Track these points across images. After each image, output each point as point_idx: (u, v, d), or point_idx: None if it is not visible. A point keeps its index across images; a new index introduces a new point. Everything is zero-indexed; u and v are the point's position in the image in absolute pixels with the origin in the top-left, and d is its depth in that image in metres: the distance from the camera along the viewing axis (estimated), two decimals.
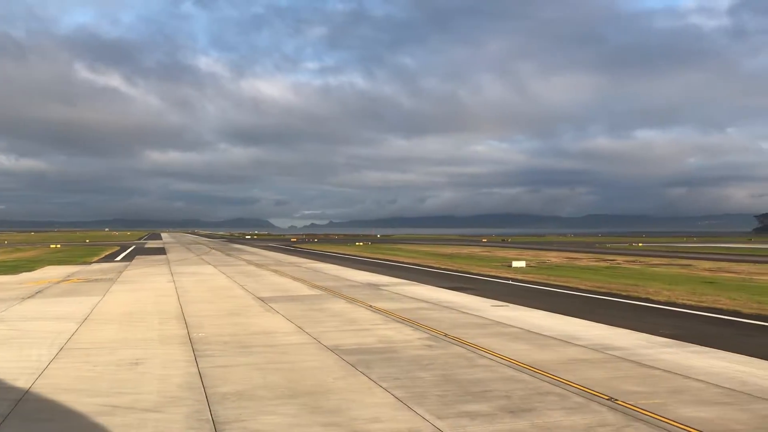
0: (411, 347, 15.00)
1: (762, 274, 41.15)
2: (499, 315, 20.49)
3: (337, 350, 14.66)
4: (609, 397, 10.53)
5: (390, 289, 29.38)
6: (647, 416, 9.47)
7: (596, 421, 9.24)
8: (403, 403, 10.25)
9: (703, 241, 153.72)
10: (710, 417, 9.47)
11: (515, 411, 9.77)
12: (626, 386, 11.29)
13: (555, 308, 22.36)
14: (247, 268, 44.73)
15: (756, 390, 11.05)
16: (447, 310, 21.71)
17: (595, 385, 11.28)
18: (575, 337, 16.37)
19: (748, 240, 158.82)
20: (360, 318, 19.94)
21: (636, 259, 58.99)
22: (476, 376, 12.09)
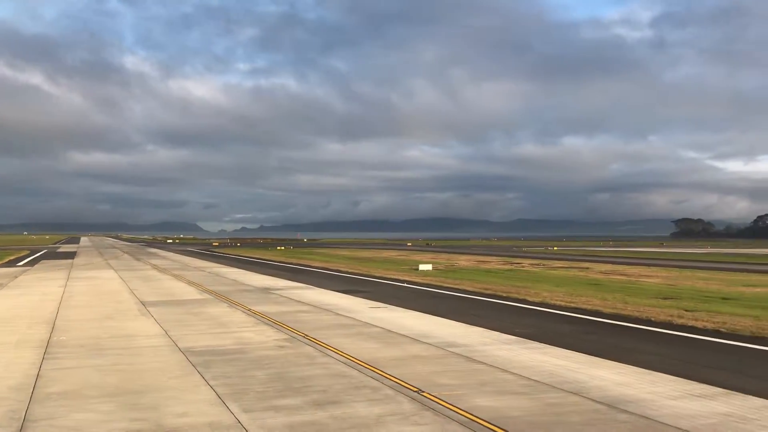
0: (262, 348, 15.48)
1: (650, 276, 43.60)
2: (371, 316, 21.21)
3: (188, 352, 14.99)
4: (418, 389, 11.29)
5: (282, 293, 29.75)
6: (440, 405, 10.26)
7: (390, 410, 9.96)
8: (221, 399, 10.72)
9: (618, 245, 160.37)
10: (498, 406, 10.33)
11: (322, 404, 10.39)
12: (441, 380, 12.11)
13: (430, 309, 23.28)
14: (148, 273, 44.19)
15: (558, 381, 12.06)
16: (324, 313, 22.29)
17: (413, 379, 12.04)
18: (428, 336, 17.22)
19: (659, 244, 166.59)
20: (232, 321, 20.28)
21: (540, 263, 61.29)
22: (307, 373, 12.67)
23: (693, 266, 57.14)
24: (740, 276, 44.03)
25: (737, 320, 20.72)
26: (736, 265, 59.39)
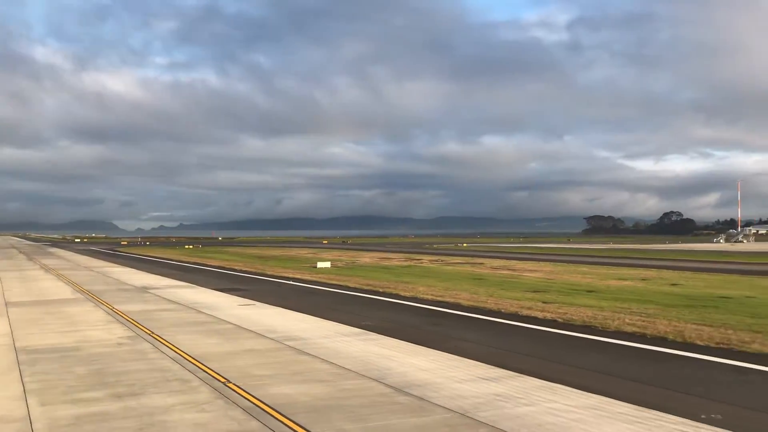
0: (100, 345, 15.69)
1: (534, 271, 45.72)
2: (232, 314, 21.62)
3: (22, 351, 15.05)
4: (226, 380, 11.87)
5: (158, 292, 29.71)
6: (237, 394, 10.87)
7: (184, 400, 10.48)
8: (25, 395, 10.97)
9: (528, 241, 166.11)
10: (292, 393, 10.99)
11: (123, 396, 10.81)
12: (257, 371, 12.73)
13: (298, 305, 23.87)
14: (33, 273, 43.01)
15: (367, 369, 12.85)
16: (186, 311, 22.55)
17: (228, 371, 12.60)
18: (274, 331, 17.83)
19: (567, 240, 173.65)
20: (87, 320, 20.27)
21: (440, 259, 63.09)
22: (129, 368, 13.03)
23: (581, 261, 60.12)
24: (618, 270, 46.79)
25: (580, 311, 22.28)
26: (623, 260, 62.78)
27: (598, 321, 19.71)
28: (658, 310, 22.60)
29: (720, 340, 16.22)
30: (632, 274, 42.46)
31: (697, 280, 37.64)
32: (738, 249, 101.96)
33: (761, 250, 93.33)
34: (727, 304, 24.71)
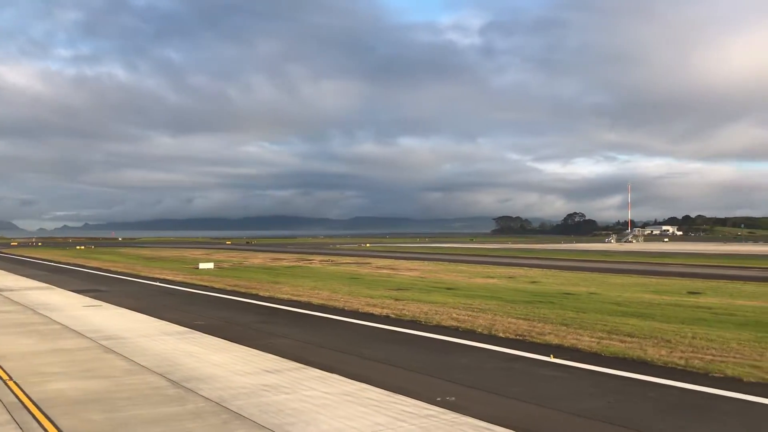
0: None
1: (412, 270, 47.20)
2: (71, 315, 21.58)
3: None
4: (8, 377, 12.13)
5: (10, 294, 29.05)
6: (11, 391, 11.17)
7: None
8: None
9: (435, 241, 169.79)
10: (67, 388, 11.40)
11: None
12: (48, 369, 13.03)
13: (146, 306, 24.02)
14: None
15: (161, 365, 13.40)
16: (24, 312, 22.35)
17: (15, 369, 12.86)
18: (99, 330, 18.05)
19: (470, 240, 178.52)
20: None
21: (330, 259, 63.92)
22: None
23: (466, 260, 62.41)
24: (493, 268, 49.00)
25: (419, 307, 23.42)
26: (506, 259, 65.53)
27: (428, 316, 20.91)
28: (495, 306, 24.09)
29: (521, 333, 17.65)
30: (503, 272, 44.59)
31: (558, 277, 40.02)
32: (624, 248, 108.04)
33: (641, 250, 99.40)
34: (565, 300, 26.59)
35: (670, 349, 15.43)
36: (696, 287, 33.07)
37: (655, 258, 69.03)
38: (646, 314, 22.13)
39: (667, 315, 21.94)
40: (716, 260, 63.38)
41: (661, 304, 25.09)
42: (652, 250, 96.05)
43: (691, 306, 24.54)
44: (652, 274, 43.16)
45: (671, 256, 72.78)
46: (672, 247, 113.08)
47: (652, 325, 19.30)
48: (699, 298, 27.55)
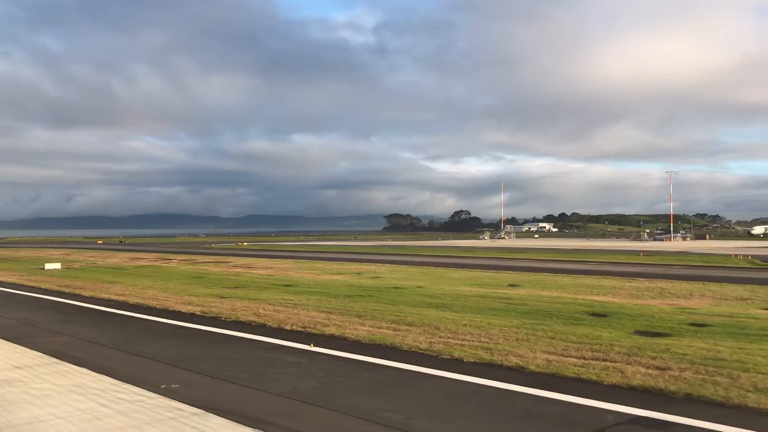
0: None
1: (269, 268, 47.77)
2: None
3: None
4: None
5: None
6: None
7: None
8: None
9: (319, 239, 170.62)
10: None
11: None
12: None
13: None
14: None
15: None
16: None
17: None
18: None
19: (354, 238, 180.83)
20: None
21: (191, 258, 63.34)
22: None
23: (330, 258, 63.69)
24: (348, 265, 50.40)
25: (235, 304, 24.19)
26: (371, 257, 67.37)
27: (234, 313, 21.68)
28: (314, 301, 25.10)
29: (308, 325, 18.76)
30: (356, 268, 46.02)
31: (402, 272, 41.86)
32: (495, 245, 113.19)
33: (507, 246, 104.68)
34: (387, 294, 28.00)
35: (431, 336, 17.00)
36: (519, 280, 35.67)
37: (511, 253, 73.08)
38: (448, 305, 23.90)
39: (466, 305, 23.78)
40: (564, 255, 68.05)
41: (471, 296, 27.02)
42: (516, 246, 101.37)
43: (495, 297, 26.59)
44: (493, 268, 45.93)
45: (527, 252, 77.25)
46: (537, 243, 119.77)
47: (441, 315, 20.98)
48: (510, 290, 29.82)
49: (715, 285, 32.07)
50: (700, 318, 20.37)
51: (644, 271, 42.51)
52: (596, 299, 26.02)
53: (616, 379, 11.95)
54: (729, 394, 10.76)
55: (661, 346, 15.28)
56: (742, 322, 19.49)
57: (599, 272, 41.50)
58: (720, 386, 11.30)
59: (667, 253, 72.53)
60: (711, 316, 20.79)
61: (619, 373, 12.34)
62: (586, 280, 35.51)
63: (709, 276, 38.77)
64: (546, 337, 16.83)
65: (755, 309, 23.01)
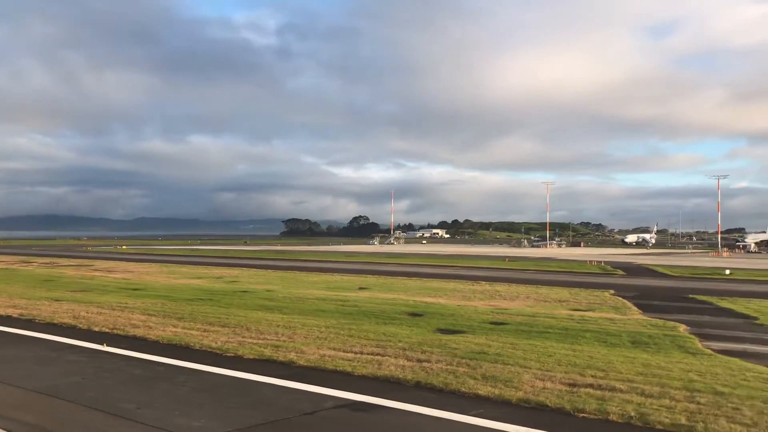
0: None
1: (130, 271, 46.83)
2: None
3: None
4: None
5: None
6: None
7: None
8: None
9: (205, 243, 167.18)
10: None
11: None
12: None
13: None
14: None
15: None
16: None
17: None
18: None
19: (244, 243, 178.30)
20: None
21: (53, 261, 61.07)
22: None
23: (199, 263, 63.08)
24: (214, 270, 50.19)
25: (61, 306, 23.85)
26: (246, 261, 67.18)
27: (48, 315, 21.45)
28: (151, 305, 25.01)
29: (115, 327, 18.87)
30: (219, 273, 45.98)
31: (262, 277, 42.35)
32: (382, 250, 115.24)
33: (392, 251, 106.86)
34: (228, 298, 28.18)
35: (235, 336, 17.53)
36: (371, 283, 36.94)
37: (390, 258, 74.93)
38: (282, 307, 24.52)
39: (300, 308, 24.42)
40: (437, 260, 70.55)
41: (311, 299, 27.77)
42: (400, 252, 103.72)
43: (334, 300, 27.46)
44: (357, 272, 47.13)
45: (406, 257, 79.39)
46: (422, 249, 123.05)
47: (265, 317, 21.55)
48: (353, 293, 30.83)
49: (546, 288, 34.57)
50: (505, 317, 22.11)
51: (495, 275, 45.01)
52: (426, 301, 27.50)
53: (368, 370, 13.00)
54: (452, 381, 12.03)
55: (443, 342, 16.62)
56: (537, 321, 21.35)
57: (454, 276, 43.56)
58: (454, 375, 12.59)
59: (532, 259, 76.58)
60: (515, 316, 22.61)
61: (376, 366, 13.42)
62: (434, 283, 37.26)
63: (550, 280, 41.62)
64: (347, 335, 17.81)
65: (562, 310, 25.13)
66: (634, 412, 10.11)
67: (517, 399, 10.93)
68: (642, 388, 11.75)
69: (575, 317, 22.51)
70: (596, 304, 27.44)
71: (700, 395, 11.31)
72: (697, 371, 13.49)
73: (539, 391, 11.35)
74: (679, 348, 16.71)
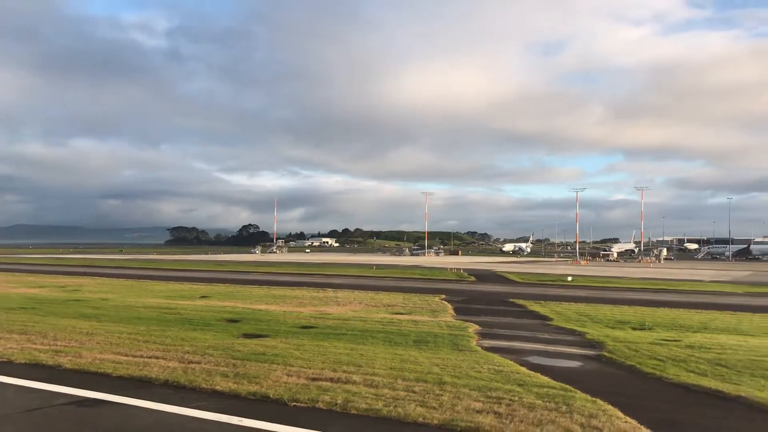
0: None
1: None
2: None
3: None
4: None
5: None
6: None
7: None
8: None
9: (82, 252, 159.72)
10: None
11: None
12: None
13: None
14: None
15: None
16: None
17: None
18: None
19: (119, 251, 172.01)
20: None
21: None
22: None
23: (53, 272, 60.65)
24: (64, 279, 48.56)
25: None
26: (108, 270, 65.21)
27: None
28: None
29: None
30: (67, 282, 44.69)
31: (106, 286, 41.43)
32: (262, 259, 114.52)
33: (270, 260, 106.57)
34: (53, 306, 27.61)
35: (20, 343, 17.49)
36: (216, 292, 37.12)
37: (261, 267, 74.80)
38: (100, 315, 24.27)
39: (120, 315, 24.22)
40: (308, 269, 71.28)
41: (140, 307, 27.59)
42: (277, 260, 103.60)
43: (163, 308, 27.35)
44: (215, 281, 47.02)
45: (279, 266, 79.48)
46: (301, 258, 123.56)
47: (72, 324, 21.19)
48: (188, 302, 30.97)
49: (385, 294, 36.13)
50: (317, 322, 23.10)
51: (349, 282, 46.34)
52: (257, 308, 28.11)
53: (129, 371, 13.48)
54: (200, 379, 12.78)
55: (234, 345, 17.30)
56: (346, 324, 22.49)
57: (309, 284, 44.40)
58: (208, 374, 13.30)
59: (401, 266, 78.95)
60: (329, 320, 23.67)
61: (140, 367, 13.90)
62: (280, 291, 37.94)
63: (397, 286, 43.39)
64: (143, 341, 18.07)
65: (382, 313, 26.51)
66: (341, 399, 11.24)
67: (247, 392, 11.81)
68: (375, 380, 12.96)
69: (385, 320, 23.87)
70: (419, 307, 29.09)
71: (422, 384, 12.66)
72: (443, 365, 14.95)
73: (275, 385, 12.29)
74: (453, 346, 18.25)
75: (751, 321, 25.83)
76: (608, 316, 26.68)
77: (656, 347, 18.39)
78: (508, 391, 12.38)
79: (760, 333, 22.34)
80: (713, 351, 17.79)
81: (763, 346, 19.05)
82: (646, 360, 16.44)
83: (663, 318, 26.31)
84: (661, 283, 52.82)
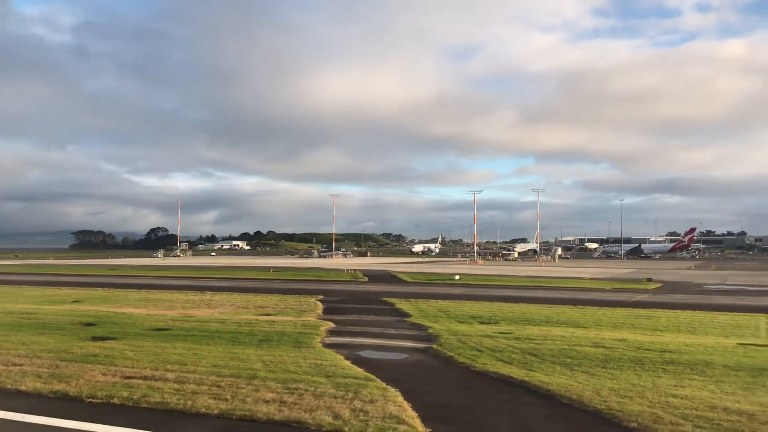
0: None
1: None
2: None
3: None
4: None
5: None
6: None
7: None
8: None
9: None
10: None
11: None
12: None
13: None
14: None
15: None
16: None
17: None
18: None
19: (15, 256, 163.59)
20: None
21: None
22: None
23: None
24: None
25: None
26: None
27: None
28: None
29: None
30: None
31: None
32: (164, 263, 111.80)
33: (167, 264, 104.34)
34: None
35: None
36: (93, 296, 36.44)
37: (155, 271, 73.28)
38: None
39: None
40: (205, 272, 70.47)
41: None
42: (177, 264, 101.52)
43: (21, 312, 27.01)
44: (97, 286, 45.94)
45: (176, 270, 78.00)
46: (203, 261, 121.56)
47: None
48: (55, 306, 30.37)
49: (263, 296, 36.46)
50: (173, 324, 23.27)
51: (237, 285, 46.39)
52: (122, 311, 27.89)
53: None
54: (7, 379, 13.00)
55: (72, 348, 17.44)
56: (203, 326, 22.70)
57: (195, 287, 44.07)
58: (22, 375, 13.53)
59: (301, 269, 79.26)
60: (188, 323, 23.82)
61: None
62: (158, 294, 37.63)
63: (281, 288, 43.82)
64: None
65: (248, 315, 26.88)
66: (138, 395, 11.78)
67: (50, 391, 12.18)
68: (189, 377, 13.55)
69: (244, 321, 24.27)
70: (290, 308, 29.69)
71: (233, 379, 13.35)
72: (270, 362, 15.67)
73: (83, 384, 12.68)
74: (295, 344, 18.97)
75: (593, 315, 27.83)
76: (465, 311, 28.12)
77: (486, 339, 19.78)
78: (311, 382, 13.24)
79: (591, 325, 24.26)
80: (534, 342, 19.34)
81: (583, 336, 20.79)
82: (466, 351, 17.73)
83: (515, 312, 27.98)
84: (542, 280, 55.59)
